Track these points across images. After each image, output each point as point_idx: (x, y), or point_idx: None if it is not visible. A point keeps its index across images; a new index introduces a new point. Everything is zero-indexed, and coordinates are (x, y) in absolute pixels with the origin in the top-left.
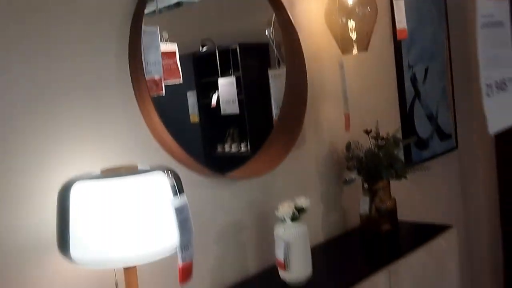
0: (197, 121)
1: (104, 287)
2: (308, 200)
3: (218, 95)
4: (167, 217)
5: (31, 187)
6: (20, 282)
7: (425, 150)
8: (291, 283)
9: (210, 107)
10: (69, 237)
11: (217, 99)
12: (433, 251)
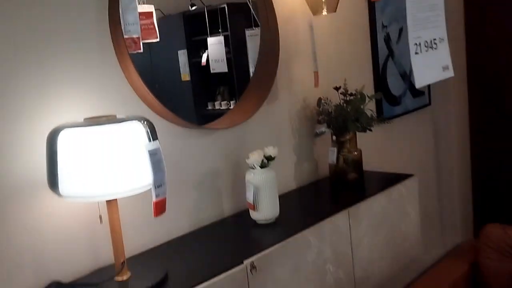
0: (188, 79)
1: (90, 219)
2: (276, 149)
3: (208, 54)
4: (142, 159)
5: (22, 133)
6: (15, 217)
7: (397, 106)
8: (260, 222)
9: (200, 66)
10: (58, 176)
11: (207, 57)
12: (393, 196)
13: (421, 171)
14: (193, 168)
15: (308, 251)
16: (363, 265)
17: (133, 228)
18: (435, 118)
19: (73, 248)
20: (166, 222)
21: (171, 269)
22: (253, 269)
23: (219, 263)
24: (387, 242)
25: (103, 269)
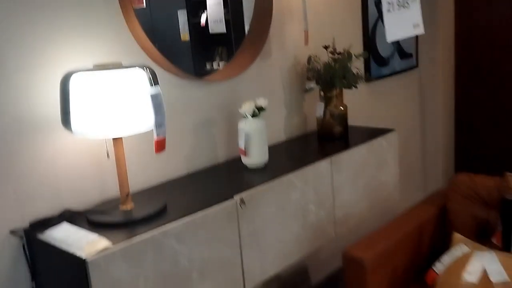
0: (187, 39)
1: (98, 155)
2: (266, 100)
3: (207, 15)
4: (145, 102)
5: (38, 75)
6: (34, 151)
7: (385, 67)
8: (250, 167)
9: (199, 26)
10: (70, 115)
11: (206, 18)
12: (374, 148)
13: (407, 128)
14: (191, 117)
15: (292, 192)
16: (343, 207)
17: (136, 166)
18: (421, 79)
19: (83, 180)
20: (165, 164)
21: (170, 202)
22: (242, 203)
23: (212, 198)
24: (366, 189)
25: (110, 201)
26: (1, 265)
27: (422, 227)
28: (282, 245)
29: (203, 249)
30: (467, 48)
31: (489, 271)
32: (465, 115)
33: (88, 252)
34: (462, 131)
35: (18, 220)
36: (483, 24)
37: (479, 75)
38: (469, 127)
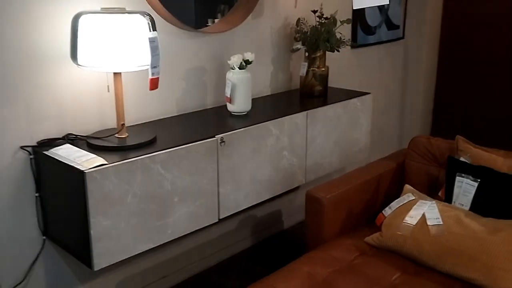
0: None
1: (100, 86)
2: (253, 55)
3: None
4: (143, 44)
5: (51, 13)
6: (45, 78)
7: (372, 35)
8: (234, 113)
9: None
10: (78, 50)
11: None
12: (348, 108)
13: (388, 93)
14: (184, 64)
15: (268, 138)
16: (315, 157)
17: (133, 102)
18: (406, 50)
19: (85, 110)
20: (159, 103)
21: (159, 135)
22: (222, 142)
23: (196, 135)
24: (338, 143)
25: (108, 129)
26: (11, 176)
27: (380, 178)
28: (256, 183)
29: (184, 177)
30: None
31: (427, 215)
32: (445, 88)
33: (86, 166)
34: (441, 100)
35: (27, 138)
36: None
37: (463, 51)
38: (447, 97)
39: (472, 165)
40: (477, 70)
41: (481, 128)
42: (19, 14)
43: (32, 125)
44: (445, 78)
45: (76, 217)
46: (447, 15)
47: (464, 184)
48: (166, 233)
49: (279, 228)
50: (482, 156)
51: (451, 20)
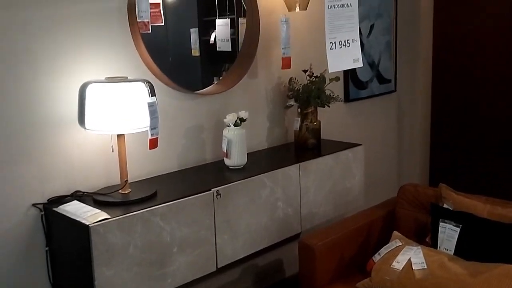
0: (197, 55)
1: (105, 147)
2: (247, 113)
3: (216, 34)
4: (143, 108)
5: (62, 84)
6: (56, 142)
7: (364, 90)
8: (231, 167)
9: (209, 44)
10: (85, 116)
11: (215, 37)
12: (340, 159)
13: (384, 143)
14: (184, 123)
15: (263, 189)
16: (309, 207)
17: (135, 160)
18: (399, 103)
19: (92, 168)
20: (160, 160)
21: (160, 190)
22: (218, 195)
23: (194, 189)
24: (332, 192)
25: (112, 186)
26: (24, 231)
27: (371, 225)
28: (252, 232)
29: (183, 229)
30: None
31: (413, 260)
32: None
33: (91, 221)
34: (437, 150)
35: (39, 195)
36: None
37: (454, 101)
38: (443, 147)
39: (454, 211)
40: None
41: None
42: (33, 84)
43: (44, 184)
44: (439, 128)
45: (82, 268)
46: (438, 68)
47: (447, 229)
48: (166, 282)
49: (280, 277)
50: (464, 202)
51: (441, 73)
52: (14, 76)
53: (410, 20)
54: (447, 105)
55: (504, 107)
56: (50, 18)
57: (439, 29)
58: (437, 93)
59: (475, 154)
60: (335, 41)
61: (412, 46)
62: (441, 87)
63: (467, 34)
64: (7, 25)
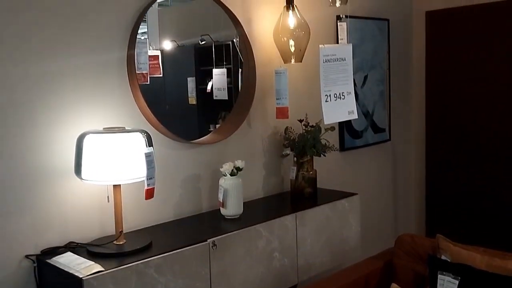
0: (194, 103)
1: (100, 197)
2: (243, 162)
3: (212, 83)
4: (140, 158)
5: (56, 135)
6: (51, 192)
7: (358, 139)
8: (227, 217)
9: (205, 92)
10: (82, 166)
11: (211, 85)
12: (337, 208)
13: (379, 192)
14: (180, 172)
15: (259, 240)
16: (306, 257)
17: (131, 210)
18: (394, 151)
19: (87, 219)
20: (156, 209)
21: (155, 240)
22: (214, 246)
23: (190, 240)
24: (329, 243)
25: (107, 236)
26: (16, 284)
27: (367, 277)
28: (248, 284)
29: (178, 281)
30: (437, 125)
31: None
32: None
33: (84, 274)
34: (432, 198)
35: (32, 247)
36: (453, 103)
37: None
38: (438, 195)
39: (452, 263)
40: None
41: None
42: (30, 135)
43: (37, 235)
44: (434, 176)
45: None
46: (431, 117)
47: (446, 282)
48: None
49: None
50: (462, 254)
51: (435, 122)
52: (12, 127)
53: (403, 71)
54: (442, 154)
55: (499, 157)
56: (50, 71)
57: (431, 79)
58: (431, 142)
59: (470, 202)
60: (330, 94)
61: (405, 95)
62: (435, 136)
63: (459, 83)
64: (7, 77)
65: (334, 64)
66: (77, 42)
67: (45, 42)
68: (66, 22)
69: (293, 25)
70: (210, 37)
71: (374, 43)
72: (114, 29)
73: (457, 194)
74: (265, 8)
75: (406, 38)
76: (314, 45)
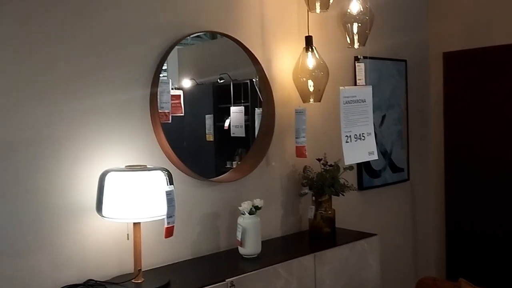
0: (212, 140)
1: (120, 235)
2: (262, 201)
3: (230, 120)
4: (161, 196)
5: (79, 172)
6: (71, 229)
7: (377, 178)
8: (245, 256)
9: (223, 129)
10: (103, 203)
11: (229, 123)
12: (356, 249)
13: (398, 233)
14: (199, 210)
15: (278, 280)
16: None
17: (150, 247)
18: (413, 191)
19: (106, 256)
20: (174, 248)
21: (173, 279)
22: (232, 286)
23: (208, 280)
24: (348, 285)
25: (126, 274)
26: None
27: None
28: None
29: None
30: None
31: None
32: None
33: None
34: (453, 239)
35: (50, 284)
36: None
37: (469, 189)
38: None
39: None
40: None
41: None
42: (54, 172)
43: (56, 272)
44: (455, 216)
45: None
46: (450, 156)
47: None
48: None
49: None
50: None
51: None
52: (37, 164)
53: (421, 110)
54: (462, 194)
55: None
56: (74, 110)
57: (449, 118)
58: (451, 182)
59: (493, 243)
60: (351, 135)
61: (423, 135)
62: (454, 176)
63: (477, 123)
64: (34, 114)
65: (354, 105)
66: (102, 80)
67: (71, 80)
68: (94, 60)
69: (312, 66)
70: (228, 75)
71: (392, 83)
72: (139, 68)
73: (479, 235)
74: (284, 49)
75: (424, 78)
76: (332, 85)
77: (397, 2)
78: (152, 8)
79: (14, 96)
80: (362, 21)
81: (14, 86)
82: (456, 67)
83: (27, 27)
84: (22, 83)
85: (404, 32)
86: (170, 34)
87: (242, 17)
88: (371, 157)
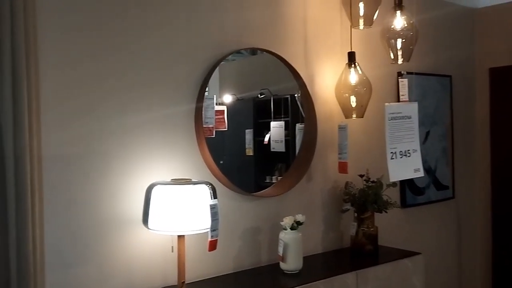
0: (251, 154)
1: (164, 247)
2: (304, 216)
3: (270, 135)
4: (205, 210)
5: (126, 185)
6: (119, 241)
7: (420, 196)
8: (286, 272)
9: (263, 144)
10: (149, 216)
11: (269, 138)
12: (399, 268)
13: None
14: (242, 224)
15: None
16: None
17: (193, 260)
18: (458, 210)
19: (150, 268)
20: (215, 261)
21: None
22: None
23: None
24: None
25: (169, 287)
26: None
27: None
28: None
29: None
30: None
31: None
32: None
33: None
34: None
35: None
36: None
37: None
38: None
39: None
40: None
41: None
42: (101, 183)
43: (102, 282)
44: (502, 236)
45: None
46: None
47: None
48: None
49: None
50: None
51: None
52: (86, 177)
53: (466, 127)
54: (509, 212)
55: None
56: (123, 124)
57: (496, 135)
58: (498, 201)
59: None
60: (396, 151)
61: (469, 152)
62: (501, 195)
63: None
64: (85, 130)
65: (399, 121)
66: (151, 95)
67: (122, 94)
68: (144, 75)
69: (354, 82)
70: (269, 90)
71: (436, 99)
72: (185, 84)
73: None
74: (327, 65)
75: (469, 94)
76: (375, 101)
77: (442, 18)
78: (200, 26)
79: (67, 111)
80: (407, 36)
81: (66, 101)
82: (503, 82)
83: (79, 40)
84: (74, 98)
85: (449, 48)
86: (216, 51)
87: (285, 34)
88: (416, 174)
